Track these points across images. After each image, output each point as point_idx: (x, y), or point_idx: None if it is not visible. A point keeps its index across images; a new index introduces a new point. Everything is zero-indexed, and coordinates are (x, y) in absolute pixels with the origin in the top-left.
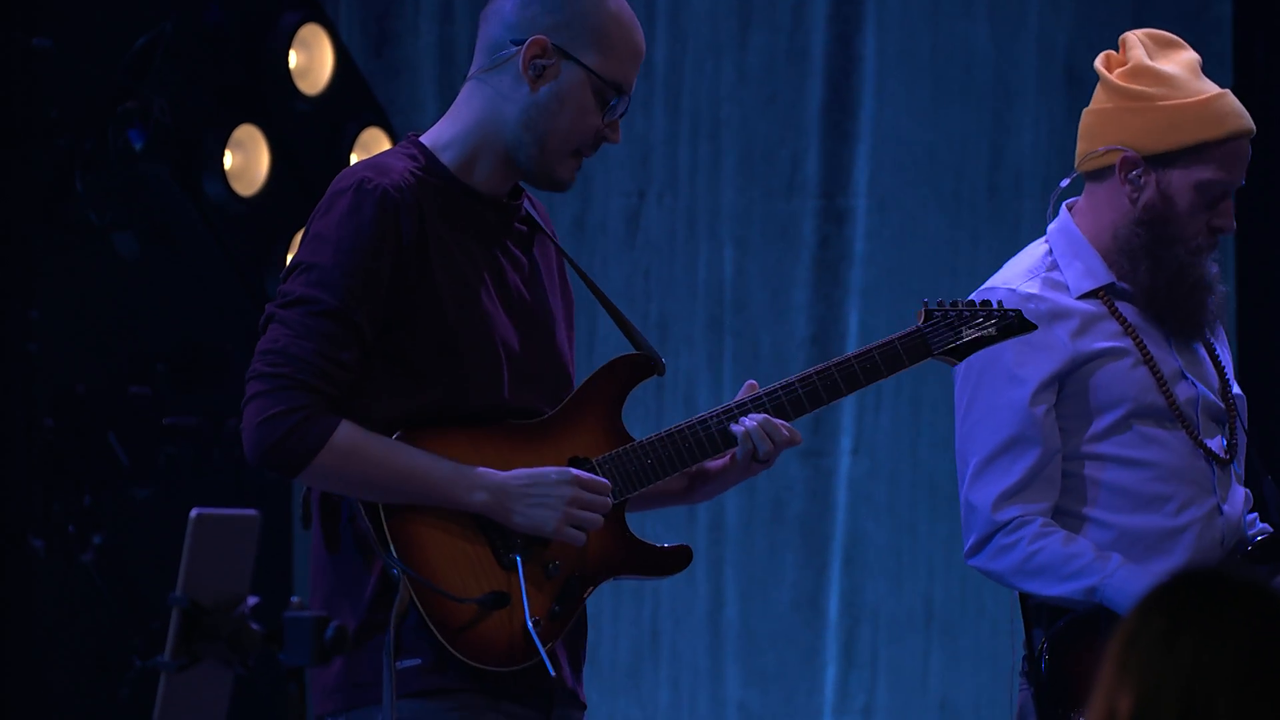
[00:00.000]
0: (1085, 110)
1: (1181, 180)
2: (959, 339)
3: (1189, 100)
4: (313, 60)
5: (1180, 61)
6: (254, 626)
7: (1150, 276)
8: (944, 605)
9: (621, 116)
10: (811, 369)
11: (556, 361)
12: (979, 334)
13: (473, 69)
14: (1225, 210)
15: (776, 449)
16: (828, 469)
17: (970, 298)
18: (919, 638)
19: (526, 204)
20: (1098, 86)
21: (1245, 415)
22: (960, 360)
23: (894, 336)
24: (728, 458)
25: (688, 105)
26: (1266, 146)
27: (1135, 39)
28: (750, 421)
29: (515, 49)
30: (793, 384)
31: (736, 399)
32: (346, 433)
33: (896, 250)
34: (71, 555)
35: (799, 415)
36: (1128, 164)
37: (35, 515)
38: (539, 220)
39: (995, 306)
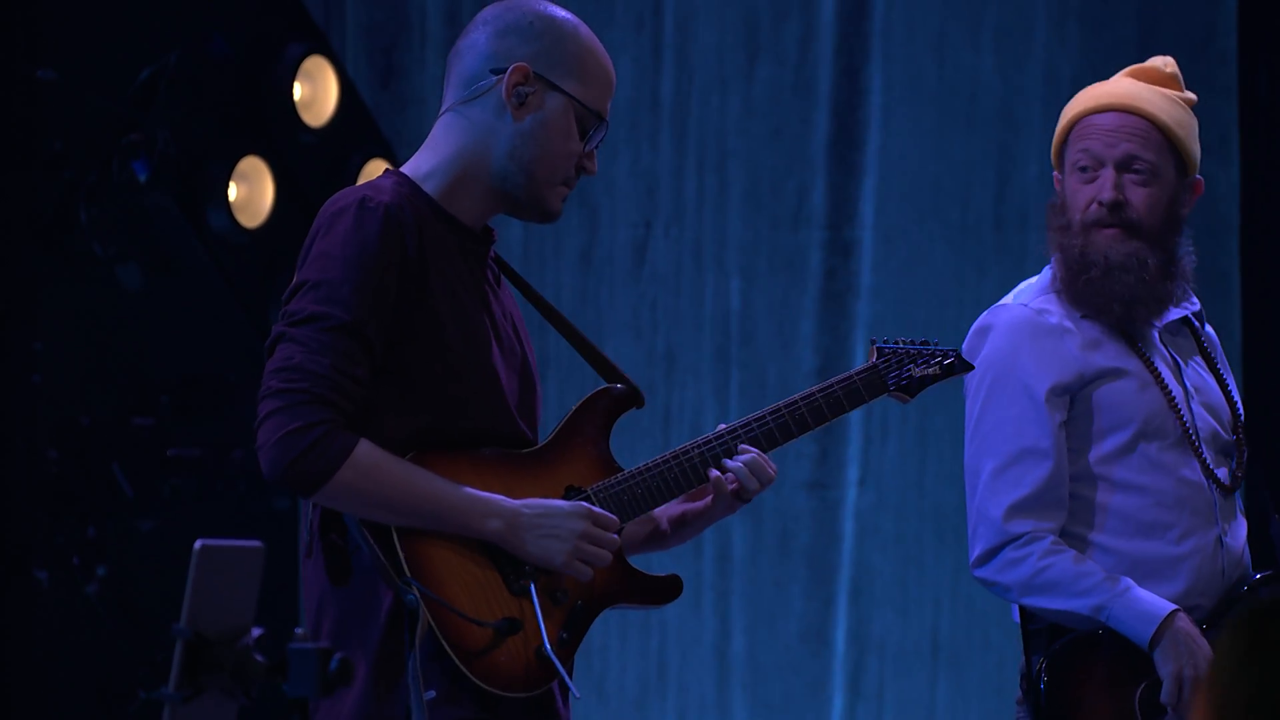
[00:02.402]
0: None
1: (1066, 168)
2: (910, 376)
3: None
4: (317, 92)
5: (1127, 74)
6: (258, 658)
7: (1068, 269)
8: (950, 637)
9: (598, 146)
10: (781, 402)
11: (534, 396)
12: (925, 372)
13: (447, 103)
14: (1100, 183)
15: (762, 487)
16: (834, 501)
17: (983, 314)
18: (926, 669)
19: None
20: None
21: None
22: (912, 397)
23: (853, 372)
24: (705, 501)
25: (694, 137)
26: (1273, 177)
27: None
28: (738, 462)
29: (495, 78)
30: (764, 417)
31: (714, 431)
32: (366, 450)
33: (903, 282)
34: (75, 586)
35: (772, 448)
36: (1057, 179)
37: (39, 546)
38: (502, 259)
39: (934, 346)
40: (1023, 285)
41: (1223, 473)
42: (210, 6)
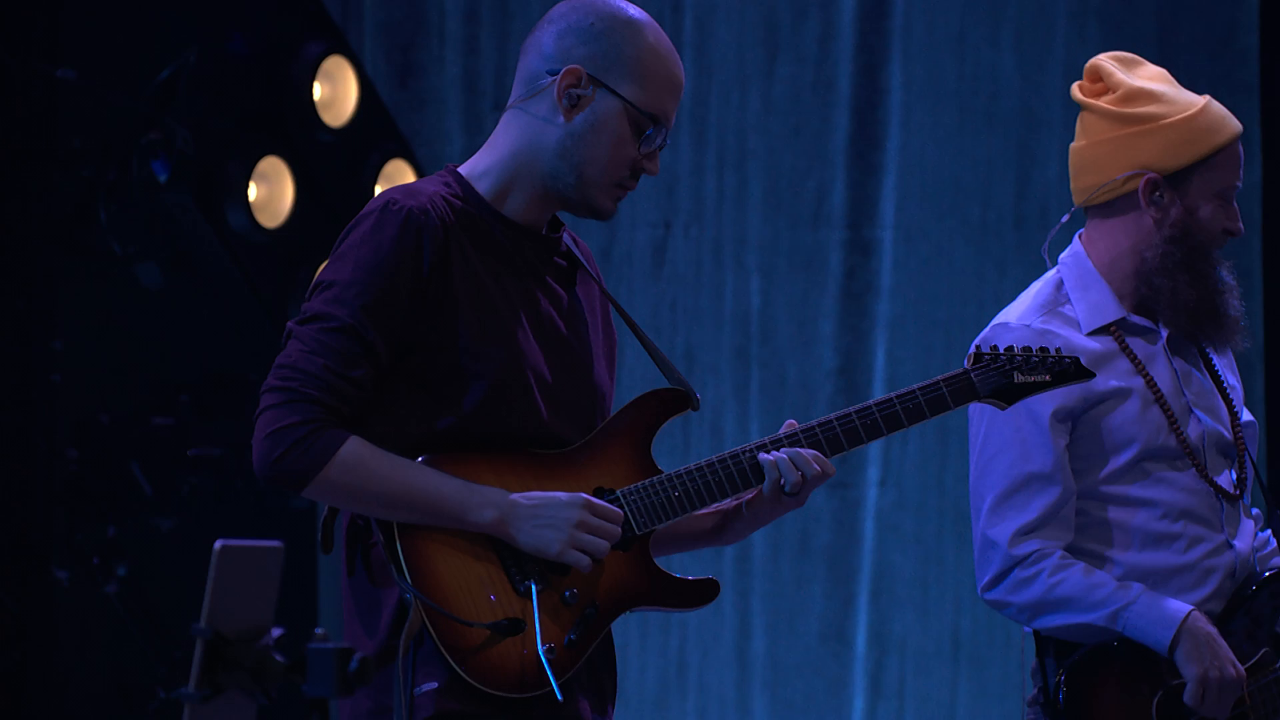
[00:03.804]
0: (1081, 145)
1: (1201, 190)
2: (1010, 382)
3: (1191, 112)
4: (337, 92)
5: (1155, 75)
6: (278, 657)
7: (1193, 289)
8: (971, 636)
9: (660, 148)
10: (852, 408)
11: (591, 396)
12: (1032, 379)
13: (511, 99)
14: (1235, 213)
15: (808, 483)
16: (855, 500)
17: (984, 332)
18: (946, 669)
19: (568, 240)
20: (1087, 118)
21: (1255, 442)
22: (1010, 405)
23: (940, 378)
24: (752, 493)
25: (714, 136)
26: None
27: (1108, 65)
28: (780, 454)
29: (551, 79)
30: (831, 422)
31: (772, 435)
32: (353, 448)
33: (923, 281)
34: (95, 586)
35: (836, 453)
36: (1151, 186)
37: (59, 546)
38: (581, 257)
39: (1053, 353)
40: (1024, 296)
41: (1225, 478)
42: (229, 6)
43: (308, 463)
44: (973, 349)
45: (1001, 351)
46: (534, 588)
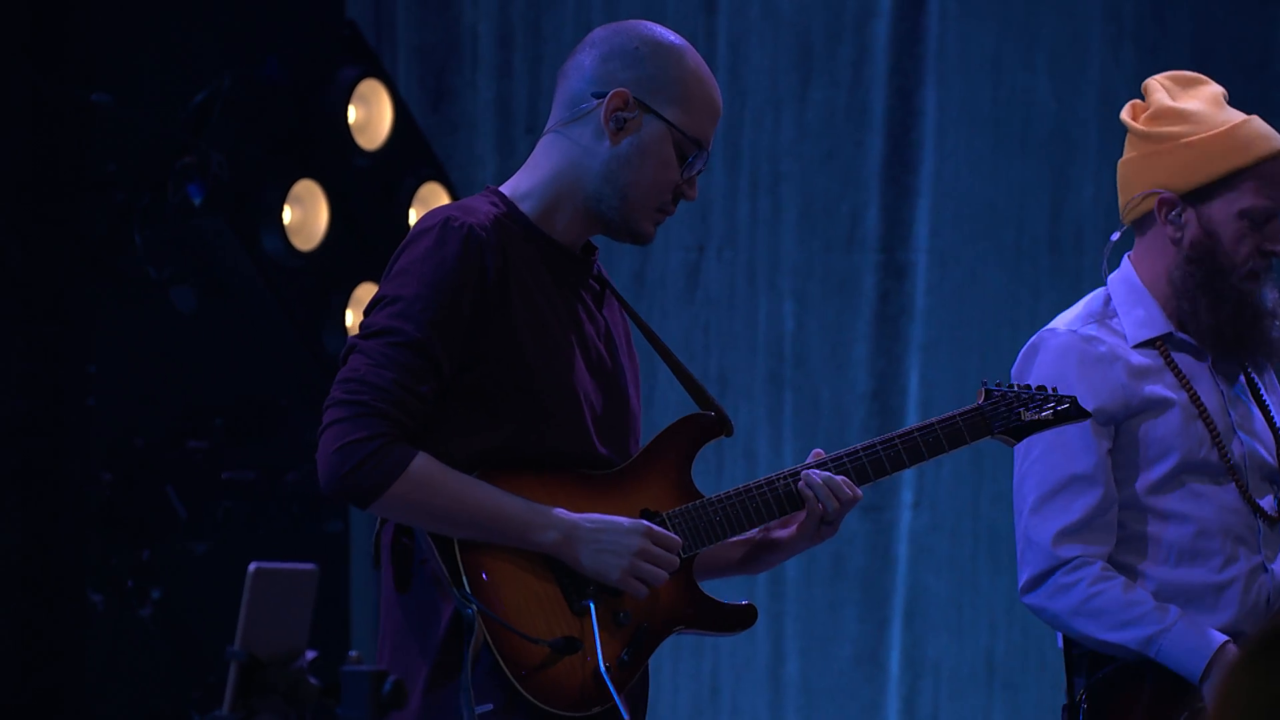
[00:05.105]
0: (1119, 163)
1: (1222, 211)
2: (1018, 420)
3: (1213, 132)
4: (371, 115)
5: (1203, 96)
6: (312, 680)
7: (1212, 313)
8: (1006, 659)
9: (699, 173)
10: (876, 438)
11: (627, 419)
12: (1036, 417)
13: (551, 123)
14: (1275, 233)
15: (843, 508)
16: (888, 523)
17: (1032, 339)
18: (981, 692)
19: (598, 264)
20: (1129, 135)
21: None
22: (1019, 441)
23: (955, 413)
24: (794, 526)
25: (747, 160)
26: None
27: (1156, 84)
28: (815, 476)
29: (596, 102)
30: (857, 451)
31: (803, 464)
32: (422, 464)
33: (957, 305)
34: (129, 609)
35: (863, 483)
36: (1165, 205)
37: (93, 569)
38: (608, 280)
39: (1051, 391)
40: (1073, 307)
41: (1268, 502)
42: (264, 29)
43: (378, 478)
44: (981, 386)
45: (1006, 389)
46: (592, 606)
